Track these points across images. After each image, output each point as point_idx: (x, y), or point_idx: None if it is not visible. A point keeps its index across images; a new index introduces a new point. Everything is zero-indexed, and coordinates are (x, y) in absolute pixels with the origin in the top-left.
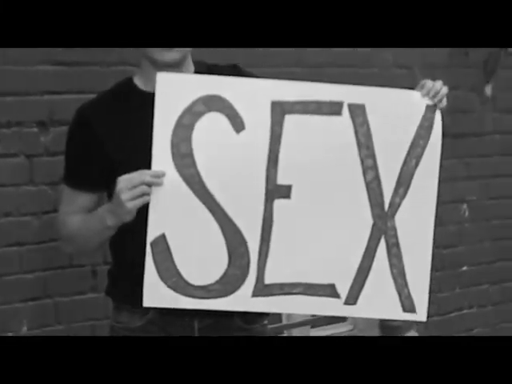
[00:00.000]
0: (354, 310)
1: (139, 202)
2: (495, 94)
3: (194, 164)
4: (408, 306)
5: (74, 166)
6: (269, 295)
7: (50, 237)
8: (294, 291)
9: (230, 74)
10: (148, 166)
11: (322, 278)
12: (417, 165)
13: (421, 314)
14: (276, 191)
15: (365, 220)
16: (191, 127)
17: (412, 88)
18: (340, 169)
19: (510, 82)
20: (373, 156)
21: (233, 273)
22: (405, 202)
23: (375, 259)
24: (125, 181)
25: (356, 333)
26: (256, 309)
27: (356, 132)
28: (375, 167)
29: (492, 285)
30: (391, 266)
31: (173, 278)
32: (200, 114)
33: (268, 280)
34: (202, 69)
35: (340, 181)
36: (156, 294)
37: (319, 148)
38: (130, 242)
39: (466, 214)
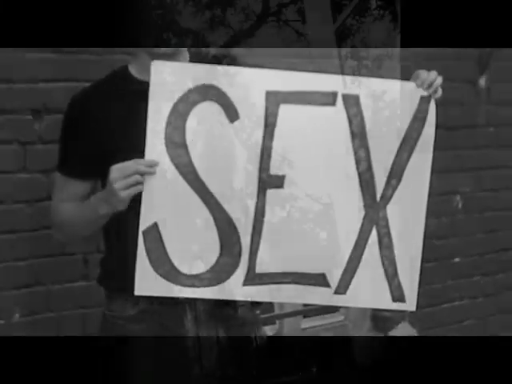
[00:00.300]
0: (344, 299)
1: (132, 191)
2: (489, 85)
3: (187, 153)
4: (398, 295)
5: (67, 154)
6: (260, 284)
7: (43, 224)
8: (285, 280)
9: (225, 64)
10: (141, 155)
11: (312, 268)
12: (410, 156)
13: (410, 304)
14: (269, 181)
15: (357, 210)
16: (185, 116)
17: (407, 79)
18: (333, 159)
19: (504, 74)
20: (366, 147)
21: (224, 262)
22: (397, 193)
23: (366, 249)
24: (118, 170)
25: (347, 323)
26: (247, 297)
27: (350, 122)
28: (368, 158)
29: (484, 276)
30: (382, 256)
31: (165, 267)
32: (194, 103)
33: (259, 269)
34: (197, 57)
35: (333, 171)
36: (148, 282)
37: (313, 138)
38: (122, 230)
39: (459, 205)
